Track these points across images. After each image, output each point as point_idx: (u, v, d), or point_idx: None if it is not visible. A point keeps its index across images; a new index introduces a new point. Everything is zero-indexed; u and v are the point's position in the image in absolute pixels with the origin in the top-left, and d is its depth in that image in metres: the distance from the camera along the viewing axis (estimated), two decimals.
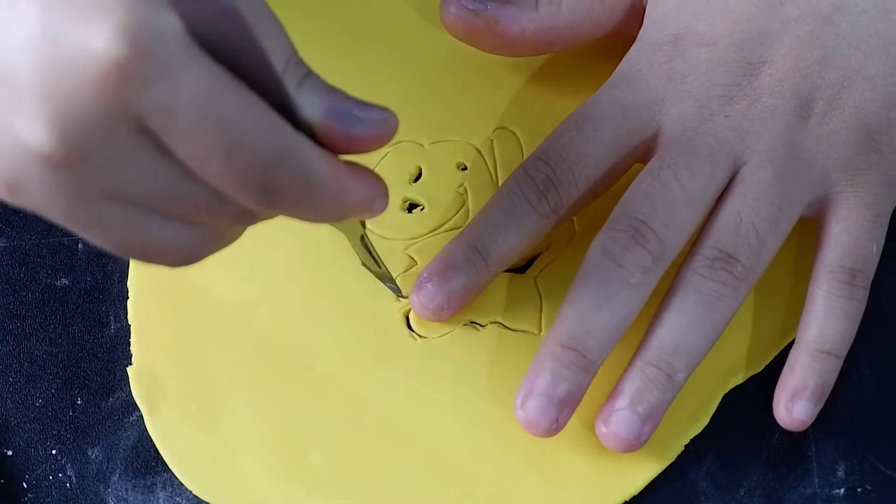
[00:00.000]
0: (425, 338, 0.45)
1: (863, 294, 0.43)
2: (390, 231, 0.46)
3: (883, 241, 0.43)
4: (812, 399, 0.42)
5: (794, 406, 0.42)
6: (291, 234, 0.46)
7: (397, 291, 0.45)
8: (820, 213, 0.43)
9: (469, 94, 0.49)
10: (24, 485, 0.44)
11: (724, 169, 0.42)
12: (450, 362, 0.44)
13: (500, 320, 0.45)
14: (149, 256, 0.33)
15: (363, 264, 0.45)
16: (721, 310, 0.41)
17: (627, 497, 0.43)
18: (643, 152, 0.43)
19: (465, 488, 0.43)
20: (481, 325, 0.45)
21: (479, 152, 0.47)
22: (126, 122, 0.29)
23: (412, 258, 0.46)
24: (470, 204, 0.47)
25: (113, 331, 0.46)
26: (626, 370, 0.42)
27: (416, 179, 0.47)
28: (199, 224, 0.32)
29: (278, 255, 0.46)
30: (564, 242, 0.46)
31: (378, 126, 0.33)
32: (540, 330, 0.45)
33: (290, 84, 0.31)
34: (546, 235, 0.44)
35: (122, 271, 0.46)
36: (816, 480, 0.43)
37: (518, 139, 0.47)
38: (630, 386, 0.41)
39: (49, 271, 0.47)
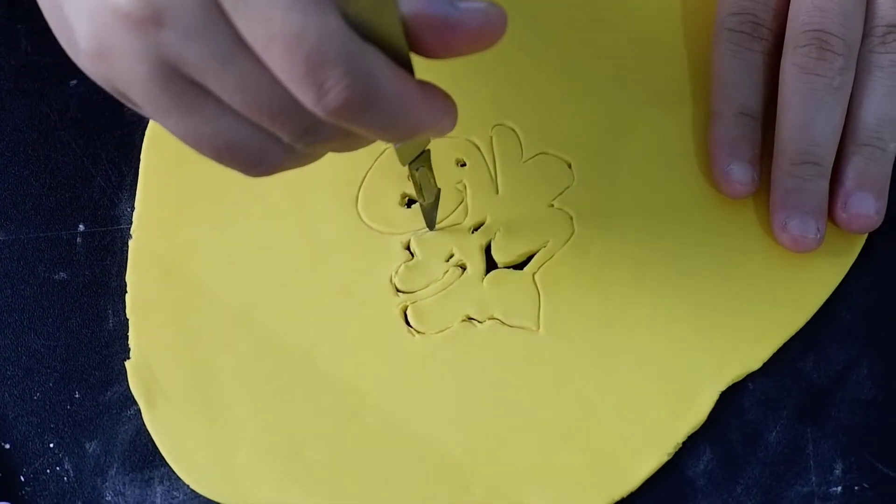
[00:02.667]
0: (423, 334, 0.45)
1: None
2: (389, 226, 0.46)
3: None
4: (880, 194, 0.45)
5: (854, 200, 0.45)
6: (291, 229, 0.46)
7: (433, 223, 0.46)
8: None
9: (468, 91, 0.48)
10: (22, 478, 0.44)
11: None
12: (448, 359, 0.44)
13: (498, 316, 0.45)
14: (221, 154, 0.33)
15: (420, 196, 0.44)
16: None
17: (625, 493, 0.43)
18: None
19: (464, 484, 0.43)
20: (479, 322, 0.45)
21: (478, 149, 0.47)
22: None
23: (410, 251, 0.46)
24: (468, 200, 0.47)
25: (111, 325, 0.46)
26: (841, 158, 0.44)
27: None
28: (270, 133, 0.33)
29: (277, 251, 0.46)
30: (562, 240, 0.46)
31: (479, 14, 0.32)
32: (538, 327, 0.45)
33: None
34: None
35: (120, 266, 0.46)
36: (814, 478, 0.43)
37: (517, 136, 0.47)
38: (853, 169, 0.44)
39: (47, 265, 0.47)
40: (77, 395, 0.45)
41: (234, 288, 0.46)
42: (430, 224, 0.46)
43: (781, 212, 0.44)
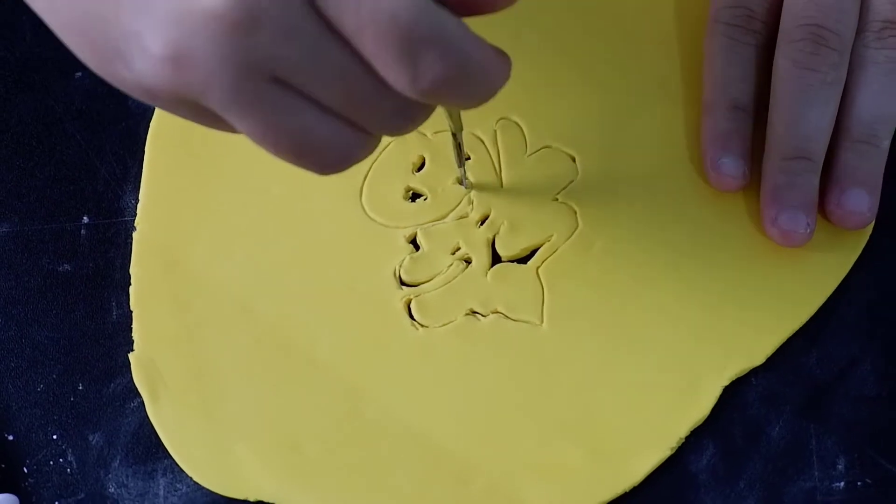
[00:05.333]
0: (426, 327, 0.45)
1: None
2: (393, 219, 0.46)
3: None
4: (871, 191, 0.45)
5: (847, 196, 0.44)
6: (294, 222, 0.46)
7: (465, 183, 0.46)
8: None
9: None
10: (25, 469, 0.44)
11: None
12: (451, 352, 0.44)
13: (502, 310, 0.45)
14: (300, 151, 0.33)
15: (459, 160, 0.45)
16: None
17: (627, 488, 0.43)
18: None
19: (464, 479, 0.43)
20: (483, 316, 0.45)
21: (483, 142, 0.47)
22: None
23: (414, 245, 0.46)
24: (472, 194, 0.47)
25: (115, 317, 0.46)
26: (834, 154, 0.44)
27: (420, 169, 0.47)
28: (356, 124, 0.33)
29: (280, 244, 0.46)
30: (566, 234, 0.46)
31: None
32: (541, 321, 0.45)
33: None
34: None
35: (124, 258, 0.46)
36: (816, 474, 0.43)
37: (521, 129, 0.47)
38: (846, 165, 0.44)
39: (51, 257, 0.47)
40: (80, 387, 0.45)
41: (238, 280, 0.46)
42: (464, 182, 0.46)
43: (772, 206, 0.44)
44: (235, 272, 0.46)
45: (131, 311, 0.46)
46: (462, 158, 0.45)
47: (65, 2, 0.33)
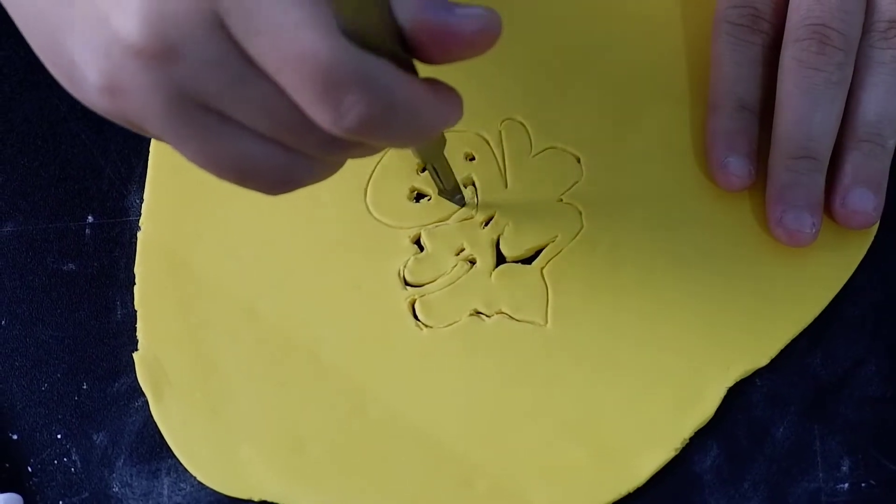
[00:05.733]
0: (431, 328, 0.45)
1: None
2: (397, 220, 0.46)
3: None
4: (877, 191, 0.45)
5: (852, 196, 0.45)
6: (298, 222, 0.46)
7: (462, 201, 0.46)
8: None
9: (477, 85, 0.48)
10: (29, 469, 0.44)
11: None
12: (455, 353, 0.44)
13: (506, 311, 0.45)
14: (244, 176, 0.33)
15: (438, 188, 0.45)
16: None
17: (632, 489, 0.43)
18: None
19: (469, 479, 0.43)
20: (487, 316, 0.45)
21: (488, 143, 0.47)
22: (210, 19, 0.30)
23: (419, 245, 0.46)
24: (478, 194, 0.47)
25: (119, 316, 0.46)
26: (839, 154, 0.44)
27: (424, 169, 0.47)
28: (293, 148, 0.33)
29: (284, 244, 0.46)
30: (571, 234, 0.46)
31: (477, 20, 0.32)
32: (546, 321, 0.45)
33: None
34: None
35: (129, 257, 0.46)
36: (821, 475, 0.43)
37: (526, 130, 0.47)
38: (851, 165, 0.44)
39: (56, 256, 0.47)
40: (85, 387, 0.45)
41: (243, 280, 0.46)
42: (461, 203, 0.46)
43: (777, 206, 0.44)
44: (240, 272, 0.46)
45: (136, 311, 0.46)
46: (447, 183, 0.45)
47: (34, 26, 0.34)
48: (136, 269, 0.46)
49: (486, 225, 0.46)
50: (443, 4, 0.31)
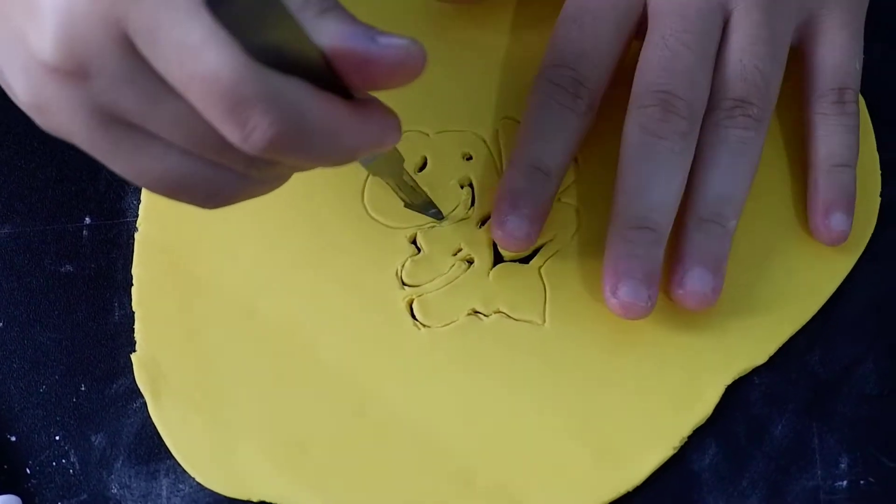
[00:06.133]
0: (429, 327, 0.45)
1: (853, 108, 0.45)
2: (394, 220, 0.46)
3: (862, 56, 0.46)
4: (844, 210, 0.44)
5: (830, 221, 0.44)
6: (296, 222, 0.46)
7: (438, 215, 0.46)
8: (804, 39, 0.46)
9: (474, 85, 0.48)
10: (28, 470, 0.44)
11: (717, 23, 0.44)
12: (454, 352, 0.44)
13: (505, 310, 0.45)
14: (174, 191, 0.33)
15: (402, 199, 0.45)
16: (750, 151, 0.44)
17: (630, 487, 0.43)
18: (638, 27, 0.45)
19: (468, 478, 0.43)
20: (485, 315, 0.45)
21: (485, 142, 0.47)
22: (118, 38, 0.30)
23: (416, 245, 0.46)
24: (475, 194, 0.47)
25: (117, 318, 0.46)
26: (680, 233, 0.43)
27: (421, 169, 0.47)
28: (220, 164, 0.33)
29: (283, 244, 0.46)
30: (568, 233, 0.46)
31: (400, 49, 0.31)
32: (544, 320, 0.45)
33: (309, 14, 0.31)
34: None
35: (126, 258, 0.46)
36: (819, 472, 0.43)
37: None
38: (691, 245, 0.43)
39: (53, 258, 0.47)
40: (83, 388, 0.45)
41: (240, 281, 0.46)
42: (438, 217, 0.46)
43: (613, 277, 0.42)
44: (238, 272, 0.46)
45: (133, 312, 0.46)
46: (412, 198, 0.44)
47: None
48: (134, 271, 0.46)
49: (483, 224, 0.46)
50: (365, 33, 0.31)
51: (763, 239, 0.46)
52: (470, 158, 0.47)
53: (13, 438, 0.45)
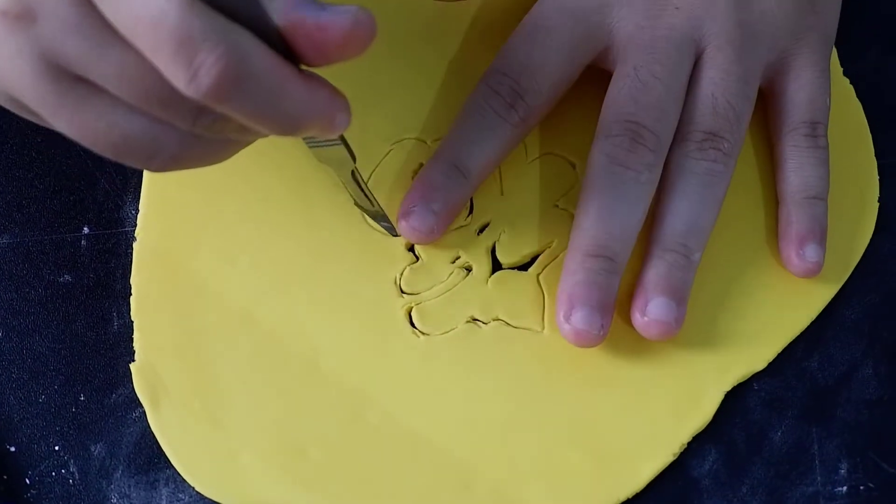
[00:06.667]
0: (428, 335, 0.45)
1: (825, 142, 0.46)
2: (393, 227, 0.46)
3: (830, 91, 0.46)
4: (817, 241, 0.44)
5: (804, 252, 0.44)
6: (294, 230, 0.46)
7: (392, 230, 0.45)
8: (774, 77, 0.46)
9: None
10: (27, 481, 0.44)
11: (688, 56, 0.44)
12: (452, 359, 0.44)
13: (503, 317, 0.45)
14: (117, 149, 0.33)
15: (356, 203, 0.45)
16: (718, 185, 0.44)
17: (630, 494, 0.43)
18: (599, 54, 0.45)
19: (467, 485, 0.43)
20: (484, 323, 0.45)
21: None
22: None
23: (414, 253, 0.46)
24: (473, 202, 0.47)
25: (116, 327, 0.46)
26: (645, 262, 0.43)
27: None
28: (165, 121, 0.33)
29: (281, 253, 0.46)
30: (567, 240, 0.46)
31: (348, 16, 0.31)
32: (543, 328, 0.45)
33: None
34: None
35: (125, 268, 0.46)
36: (819, 478, 0.43)
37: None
38: (655, 274, 0.43)
39: (52, 268, 0.47)
40: (82, 398, 0.45)
41: (239, 289, 0.46)
42: (391, 230, 0.45)
43: (567, 303, 0.42)
44: (236, 280, 0.46)
45: (132, 321, 0.46)
46: (371, 196, 0.44)
47: None
48: (133, 280, 0.46)
49: (482, 232, 0.46)
50: (312, 4, 0.31)
51: (761, 246, 0.45)
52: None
53: (12, 449, 0.45)
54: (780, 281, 0.45)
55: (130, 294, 0.46)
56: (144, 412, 0.44)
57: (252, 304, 0.45)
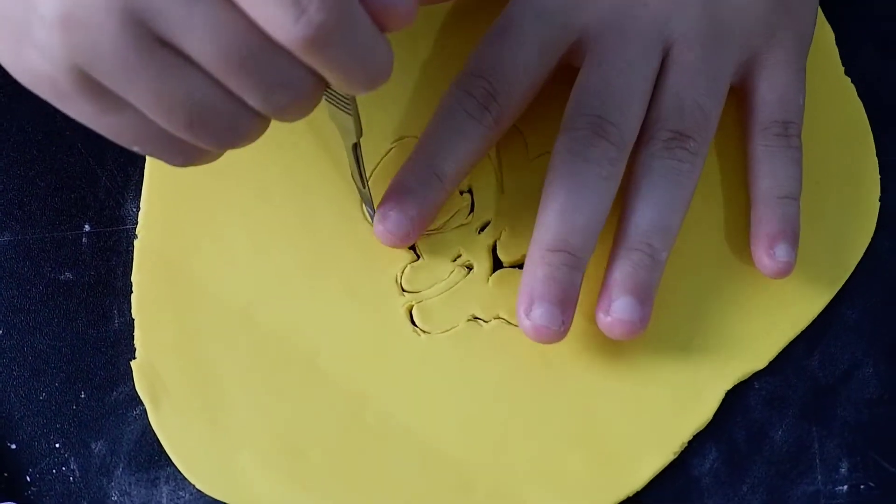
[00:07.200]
0: (429, 333, 0.45)
1: (797, 142, 0.45)
2: None
3: (805, 91, 0.45)
4: (788, 240, 0.44)
5: (775, 251, 0.44)
6: (296, 229, 0.46)
7: (371, 214, 0.46)
8: (746, 76, 0.46)
9: None
10: (28, 478, 0.44)
11: (656, 54, 0.44)
12: (453, 358, 0.45)
13: (504, 316, 0.45)
14: (193, 119, 0.34)
15: (352, 176, 0.45)
16: (685, 184, 0.43)
17: (630, 493, 0.43)
18: (570, 52, 0.45)
19: (467, 484, 0.43)
20: (485, 321, 0.45)
21: None
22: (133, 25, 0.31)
23: (413, 250, 0.46)
24: (474, 200, 0.47)
25: (117, 325, 0.46)
26: (610, 261, 0.43)
27: None
28: (236, 95, 0.33)
29: (282, 251, 0.46)
30: None
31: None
32: None
33: None
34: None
35: (125, 265, 0.46)
36: (819, 477, 0.43)
37: (522, 136, 0.47)
38: (620, 273, 0.42)
39: (53, 265, 0.47)
40: (83, 396, 0.45)
41: (240, 288, 0.46)
42: (370, 206, 0.46)
43: (527, 298, 0.42)
44: (237, 279, 0.46)
45: (133, 319, 0.46)
46: (364, 176, 0.44)
47: None
48: (133, 278, 0.46)
49: (483, 230, 0.46)
50: None
51: None
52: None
53: (13, 446, 0.45)
54: (781, 281, 0.45)
55: (131, 292, 0.46)
56: (145, 410, 0.44)
57: (253, 302, 0.45)
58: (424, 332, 0.45)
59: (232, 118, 0.34)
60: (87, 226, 0.48)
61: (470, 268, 0.46)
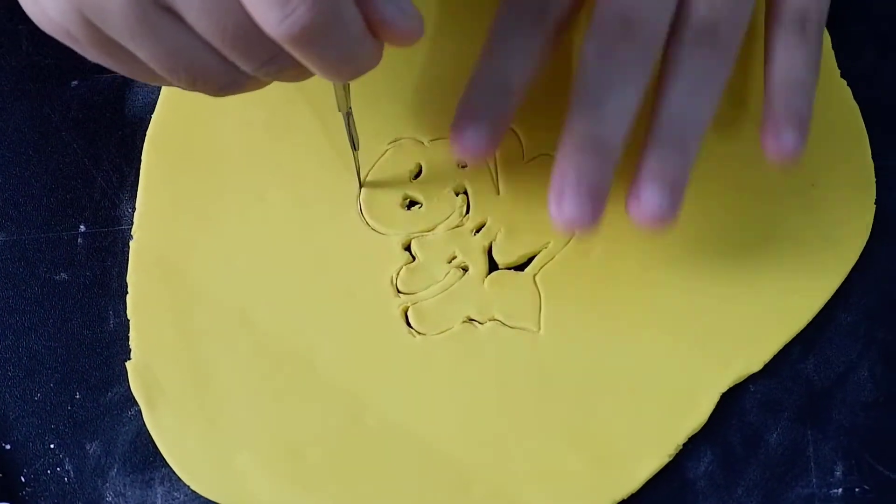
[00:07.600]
0: (424, 335, 0.45)
1: (815, 38, 0.44)
2: (389, 227, 0.46)
3: None
4: (794, 125, 0.43)
5: (780, 137, 0.42)
6: (292, 230, 0.46)
7: (358, 176, 0.47)
8: None
9: None
10: (23, 479, 0.44)
11: None
12: (449, 360, 0.44)
13: (499, 318, 0.45)
14: (196, 80, 0.36)
15: (354, 143, 0.45)
16: (715, 79, 0.42)
17: (625, 495, 0.43)
18: None
19: (464, 485, 0.43)
20: (480, 323, 0.45)
21: None
22: None
23: (409, 251, 0.46)
24: (469, 202, 0.47)
25: (112, 326, 0.46)
26: (642, 151, 0.42)
27: (416, 177, 0.47)
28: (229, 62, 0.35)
29: (278, 252, 0.46)
30: (563, 241, 0.46)
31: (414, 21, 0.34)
32: (539, 328, 0.45)
33: None
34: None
35: (121, 266, 0.46)
36: (814, 480, 0.43)
37: (518, 137, 0.47)
38: (649, 162, 0.41)
39: (48, 266, 0.47)
40: (78, 396, 0.45)
41: (235, 289, 0.46)
42: (359, 174, 0.46)
43: (557, 188, 0.41)
44: (233, 280, 0.46)
45: (128, 320, 0.45)
46: (354, 142, 0.45)
47: None
48: (129, 279, 0.46)
49: (478, 232, 0.46)
50: None
51: (758, 247, 0.45)
52: (465, 166, 0.47)
53: (8, 447, 0.45)
54: (776, 282, 0.45)
55: (127, 293, 0.46)
56: (140, 411, 0.44)
57: (249, 303, 0.45)
58: (420, 333, 0.45)
59: (232, 77, 0.35)
60: (82, 226, 0.47)
61: (465, 269, 0.46)
